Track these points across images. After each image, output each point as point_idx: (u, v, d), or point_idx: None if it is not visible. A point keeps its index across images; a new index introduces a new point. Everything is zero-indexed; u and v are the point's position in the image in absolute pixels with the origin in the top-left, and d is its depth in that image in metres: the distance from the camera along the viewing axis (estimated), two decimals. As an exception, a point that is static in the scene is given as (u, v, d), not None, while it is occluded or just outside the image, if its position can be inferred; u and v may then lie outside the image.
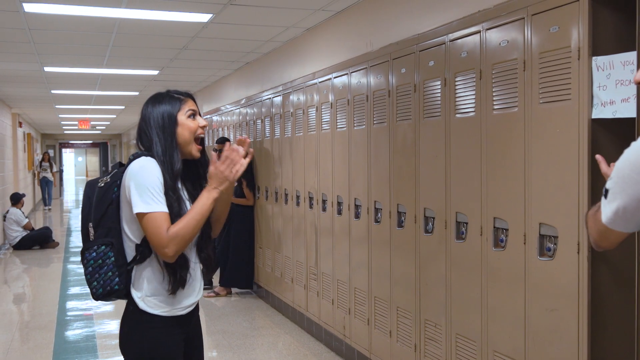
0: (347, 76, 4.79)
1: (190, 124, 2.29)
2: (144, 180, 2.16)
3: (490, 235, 3.17)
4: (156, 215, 2.14)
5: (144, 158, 2.22)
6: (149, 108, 2.31)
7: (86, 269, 2.24)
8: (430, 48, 3.70)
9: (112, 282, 2.20)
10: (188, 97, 2.35)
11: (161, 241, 2.13)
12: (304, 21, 5.35)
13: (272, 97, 6.63)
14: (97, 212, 2.24)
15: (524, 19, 2.92)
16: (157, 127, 2.27)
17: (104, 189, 2.26)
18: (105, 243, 2.21)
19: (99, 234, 2.23)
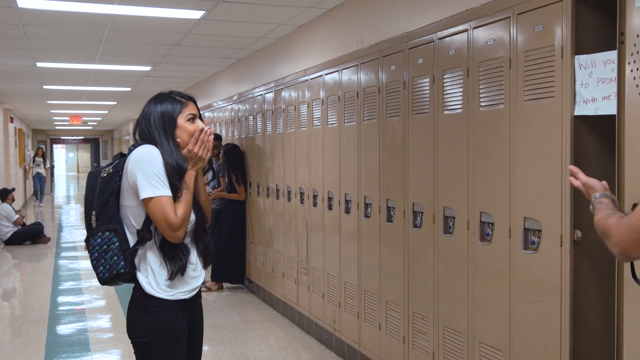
0: (338, 73, 4.85)
1: (190, 127, 2.38)
2: (150, 165, 2.27)
3: (477, 229, 3.25)
4: (164, 199, 2.25)
5: (146, 146, 2.33)
6: (150, 107, 2.41)
7: (92, 254, 2.34)
8: (419, 46, 3.76)
9: (118, 266, 2.30)
10: (189, 101, 2.44)
11: (173, 224, 2.25)
12: (295, 18, 5.41)
13: (264, 93, 6.68)
14: (100, 200, 2.33)
15: (509, 18, 2.99)
16: (158, 127, 2.36)
17: (106, 179, 2.35)
18: (109, 229, 2.31)
19: (102, 221, 2.32)
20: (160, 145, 2.35)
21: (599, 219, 1.69)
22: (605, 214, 1.67)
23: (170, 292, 2.35)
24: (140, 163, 2.28)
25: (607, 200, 1.78)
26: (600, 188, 1.83)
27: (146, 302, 2.34)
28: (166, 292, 2.35)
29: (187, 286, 2.40)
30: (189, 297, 2.42)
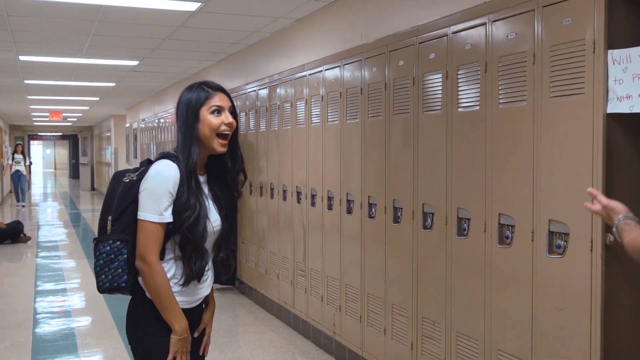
0: (340, 68, 4.70)
1: (213, 120, 2.18)
2: (154, 186, 2.12)
3: (495, 231, 3.11)
4: (152, 227, 2.12)
5: (165, 162, 2.17)
6: (180, 98, 2.24)
7: (97, 260, 2.19)
8: (430, 40, 3.62)
9: (120, 280, 2.16)
10: (217, 91, 2.23)
11: (143, 255, 2.12)
12: (295, 11, 5.24)
13: (258, 89, 6.50)
14: (119, 207, 2.18)
15: (534, 10, 2.86)
16: (181, 119, 2.20)
17: (128, 184, 2.20)
18: (120, 239, 2.16)
19: (116, 228, 2.17)
20: (180, 144, 2.18)
21: (632, 240, 1.60)
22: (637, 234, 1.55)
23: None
24: (147, 181, 2.14)
25: (632, 222, 1.72)
26: (623, 210, 1.77)
27: (147, 308, 2.19)
28: None
29: (192, 296, 2.25)
30: (192, 307, 2.28)
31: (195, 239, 2.14)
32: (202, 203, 2.17)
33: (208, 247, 2.24)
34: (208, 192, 2.27)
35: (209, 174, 2.30)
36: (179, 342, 2.15)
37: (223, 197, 2.30)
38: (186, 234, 2.13)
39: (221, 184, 2.31)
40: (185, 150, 2.16)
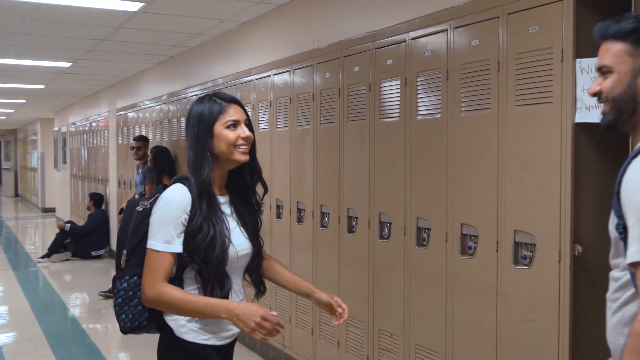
0: (290, 73, 4.57)
1: (230, 135, 1.98)
2: (161, 213, 1.92)
3: (457, 242, 3.05)
4: (156, 257, 1.90)
5: (174, 186, 1.98)
6: (190, 112, 2.03)
7: (116, 299, 1.99)
8: (388, 46, 3.54)
9: (142, 317, 1.96)
10: (231, 104, 2.02)
11: (147, 285, 1.90)
12: (242, 14, 5.07)
13: (200, 93, 6.29)
14: (133, 239, 1.99)
15: (498, 18, 2.82)
16: (193, 135, 2.00)
17: (142, 214, 2.00)
18: (137, 273, 1.97)
19: (132, 262, 1.99)
20: (191, 162, 1.98)
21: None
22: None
23: (204, 336, 1.97)
24: (156, 207, 1.94)
25: None
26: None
27: (176, 345, 1.97)
28: (200, 334, 1.97)
29: (221, 330, 2.02)
30: (224, 344, 2.05)
31: (212, 264, 1.93)
32: (216, 225, 1.96)
33: (233, 273, 2.02)
34: (232, 213, 2.07)
35: (231, 194, 2.10)
36: (239, 322, 1.84)
37: (248, 215, 2.10)
38: (200, 260, 1.93)
39: (245, 202, 2.11)
40: (196, 168, 1.96)
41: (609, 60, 1.54)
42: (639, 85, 1.51)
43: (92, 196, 10.31)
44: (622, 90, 1.51)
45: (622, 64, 1.52)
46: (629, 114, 1.53)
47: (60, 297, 7.49)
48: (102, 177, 10.51)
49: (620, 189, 1.45)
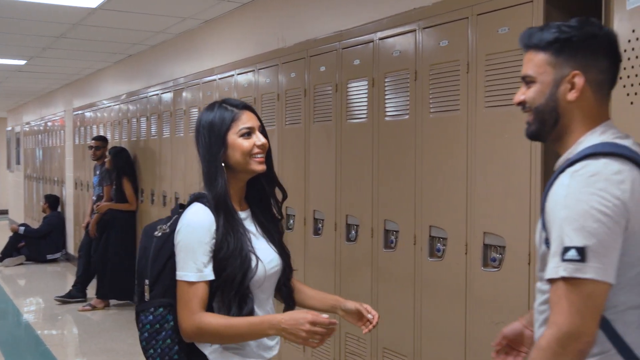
0: (254, 73, 4.49)
1: (244, 144, 1.86)
2: (186, 240, 1.80)
3: (426, 244, 3.03)
4: (189, 287, 1.77)
5: (194, 207, 1.84)
6: (200, 120, 1.91)
7: (142, 334, 1.84)
8: (355, 46, 3.50)
9: (172, 351, 1.82)
10: (243, 110, 1.90)
11: (184, 319, 1.77)
12: (205, 12, 4.97)
13: (161, 93, 6.16)
14: (155, 267, 1.84)
15: (467, 19, 2.80)
16: (204, 146, 1.88)
17: (162, 239, 1.85)
18: (163, 304, 1.83)
19: (156, 292, 1.84)
20: (205, 175, 1.87)
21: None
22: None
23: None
24: (180, 232, 1.81)
25: None
26: None
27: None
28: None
29: (263, 352, 1.89)
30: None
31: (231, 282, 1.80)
32: (236, 241, 1.83)
33: (264, 293, 1.91)
34: (257, 228, 1.95)
35: (251, 207, 1.98)
36: (289, 335, 1.71)
37: (272, 227, 1.99)
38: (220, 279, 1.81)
39: (266, 213, 2.00)
40: (210, 181, 1.85)
41: (532, 70, 1.51)
42: (560, 96, 1.48)
43: (48, 198, 10.03)
44: (544, 101, 1.49)
45: (544, 74, 1.49)
46: (551, 125, 1.50)
47: (14, 302, 7.24)
48: (58, 179, 10.23)
49: (545, 204, 1.43)
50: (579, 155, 1.41)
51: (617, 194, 1.33)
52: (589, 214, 1.32)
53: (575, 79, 1.46)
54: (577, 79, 1.46)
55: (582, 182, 1.35)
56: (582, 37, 1.47)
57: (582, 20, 1.51)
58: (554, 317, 1.34)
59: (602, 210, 1.32)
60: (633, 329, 1.38)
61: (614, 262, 1.33)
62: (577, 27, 1.48)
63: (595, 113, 1.49)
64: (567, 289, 1.32)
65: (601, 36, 1.48)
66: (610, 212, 1.32)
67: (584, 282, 1.31)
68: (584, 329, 1.32)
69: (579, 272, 1.31)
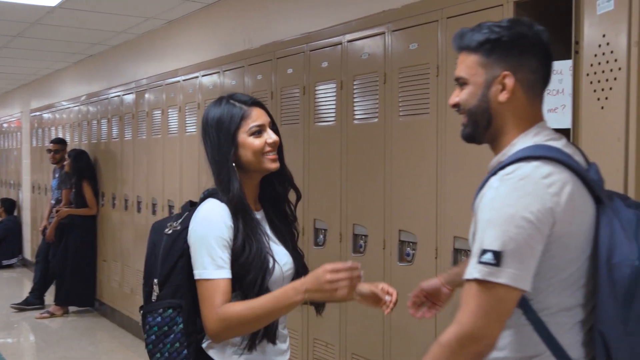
0: (219, 75, 4.42)
1: (255, 142, 1.78)
2: (203, 235, 1.71)
3: (395, 248, 3.00)
4: (209, 284, 1.68)
5: (210, 202, 1.76)
6: (206, 118, 1.82)
7: (148, 337, 1.75)
8: (323, 48, 3.47)
9: (180, 356, 1.73)
10: (252, 107, 1.81)
11: (207, 317, 1.67)
12: (169, 12, 4.88)
13: (122, 94, 6.03)
14: (165, 265, 1.75)
15: (437, 22, 2.79)
16: (213, 146, 1.79)
17: (172, 237, 1.77)
18: (172, 306, 1.74)
19: (165, 293, 1.75)
20: (215, 177, 1.78)
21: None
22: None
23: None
24: (195, 229, 1.73)
25: None
26: None
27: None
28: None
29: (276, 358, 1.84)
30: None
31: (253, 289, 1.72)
32: (258, 244, 1.76)
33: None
34: (271, 232, 1.87)
35: (265, 207, 1.90)
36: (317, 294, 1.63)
37: (285, 228, 1.92)
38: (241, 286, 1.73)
39: (279, 213, 1.92)
40: (224, 183, 1.76)
41: (464, 71, 1.50)
42: (491, 97, 1.46)
43: (3, 202, 9.74)
44: (476, 103, 1.48)
45: (476, 76, 1.48)
46: (485, 126, 1.49)
47: (-32, 310, 7.00)
48: (14, 182, 9.95)
49: (474, 205, 1.43)
50: (511, 158, 1.40)
51: (544, 198, 1.32)
52: (512, 218, 1.31)
53: (506, 79, 1.45)
54: (507, 80, 1.45)
55: (510, 185, 1.34)
56: (511, 37, 1.46)
57: (513, 20, 1.51)
58: (460, 316, 1.33)
59: (525, 216, 1.31)
60: (565, 330, 1.38)
61: (531, 269, 1.32)
62: (507, 27, 1.47)
63: (528, 114, 1.49)
64: (478, 291, 1.31)
65: (531, 36, 1.47)
66: (533, 218, 1.31)
67: (495, 286, 1.30)
68: (486, 331, 1.31)
69: (492, 276, 1.30)
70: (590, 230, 1.37)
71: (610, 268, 1.32)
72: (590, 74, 2.16)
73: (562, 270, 1.36)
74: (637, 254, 1.32)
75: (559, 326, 1.37)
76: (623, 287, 1.31)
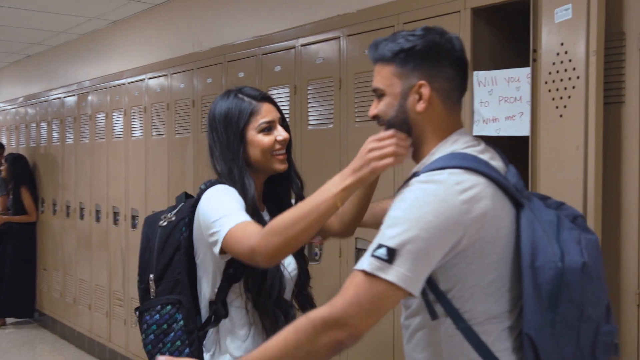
0: (167, 77, 4.29)
1: (264, 140, 1.70)
2: (221, 199, 1.60)
3: (352, 256, 2.96)
4: (239, 226, 1.54)
5: (220, 185, 1.66)
6: (213, 113, 1.72)
7: (147, 337, 1.65)
8: (276, 52, 3.40)
9: (182, 355, 1.61)
10: (262, 102, 1.73)
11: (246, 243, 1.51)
12: (113, 12, 4.71)
13: (64, 96, 5.80)
14: (161, 260, 1.65)
15: (394, 27, 2.76)
16: (222, 142, 1.69)
17: (167, 229, 1.66)
18: (171, 302, 1.64)
19: (162, 288, 1.65)
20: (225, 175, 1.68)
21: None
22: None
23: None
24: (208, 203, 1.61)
25: None
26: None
27: None
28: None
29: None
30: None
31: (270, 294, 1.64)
32: None
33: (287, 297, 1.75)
34: None
35: (269, 209, 1.81)
36: (363, 171, 1.48)
37: None
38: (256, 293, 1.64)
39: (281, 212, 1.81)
40: (236, 183, 1.65)
41: (380, 82, 1.49)
42: (409, 108, 1.45)
43: None
44: (394, 114, 1.47)
45: (392, 86, 1.47)
46: None
47: None
48: (-54, 187, 9.47)
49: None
50: (427, 167, 1.39)
51: (454, 205, 1.30)
52: (416, 221, 1.28)
53: (422, 89, 1.44)
54: (423, 89, 1.44)
55: (422, 191, 1.32)
56: (425, 46, 1.44)
57: (426, 28, 1.49)
58: (336, 299, 1.30)
59: (430, 221, 1.28)
60: (495, 337, 1.36)
61: (422, 273, 1.29)
62: (420, 35, 1.46)
63: (447, 122, 1.48)
64: (362, 281, 1.28)
65: (443, 44, 1.46)
66: (438, 224, 1.28)
67: (380, 282, 1.27)
68: (354, 321, 1.28)
69: (380, 271, 1.27)
70: (510, 235, 1.36)
71: (533, 271, 1.31)
72: (548, 82, 2.17)
73: (482, 276, 1.34)
74: (559, 256, 1.31)
75: (488, 334, 1.36)
76: (548, 290, 1.30)
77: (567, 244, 1.34)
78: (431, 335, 1.39)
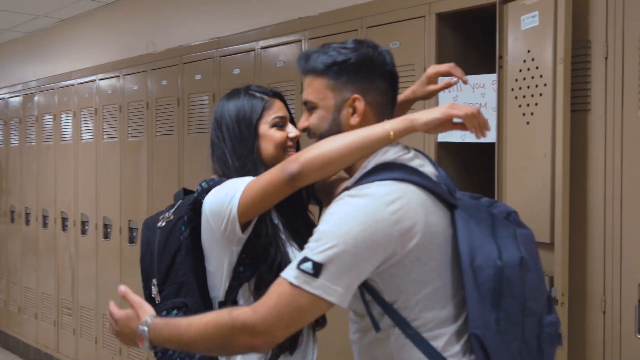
0: (119, 79, 4.16)
1: (276, 135, 1.65)
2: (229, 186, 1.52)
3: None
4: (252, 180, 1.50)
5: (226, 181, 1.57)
6: (221, 110, 1.65)
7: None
8: (235, 54, 3.33)
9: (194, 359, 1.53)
10: (274, 98, 1.69)
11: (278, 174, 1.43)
12: (61, 10, 4.54)
13: (8, 97, 5.58)
14: (162, 262, 1.58)
15: (357, 31, 2.73)
16: (233, 137, 1.62)
17: (166, 229, 1.59)
18: (176, 306, 1.57)
19: (167, 292, 1.58)
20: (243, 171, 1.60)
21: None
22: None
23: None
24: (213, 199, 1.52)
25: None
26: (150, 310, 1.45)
27: None
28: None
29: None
30: None
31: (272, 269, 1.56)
32: (282, 251, 1.60)
33: None
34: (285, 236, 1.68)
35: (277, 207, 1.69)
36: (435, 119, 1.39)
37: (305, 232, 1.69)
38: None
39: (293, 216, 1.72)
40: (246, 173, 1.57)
41: (312, 95, 1.46)
42: (343, 121, 1.44)
43: None
44: (327, 127, 1.45)
45: (325, 99, 1.44)
46: None
47: None
48: None
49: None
50: (357, 181, 1.37)
51: (383, 217, 1.28)
52: (345, 236, 1.26)
53: (356, 103, 1.42)
54: (357, 103, 1.42)
55: (351, 205, 1.30)
56: (358, 60, 1.43)
57: (358, 41, 1.47)
58: (258, 304, 1.28)
59: (358, 235, 1.26)
60: (445, 342, 1.35)
61: (350, 285, 1.27)
62: (352, 48, 1.44)
63: None
64: (285, 292, 1.26)
65: (376, 57, 1.45)
66: (367, 238, 1.26)
67: (304, 294, 1.25)
68: (271, 329, 1.27)
69: (307, 284, 1.25)
70: (447, 240, 1.35)
71: (474, 271, 1.31)
72: (515, 89, 2.17)
73: (425, 284, 1.33)
74: (497, 254, 1.32)
75: (439, 339, 1.35)
76: (489, 289, 1.31)
77: (503, 240, 1.35)
78: (382, 346, 1.37)
